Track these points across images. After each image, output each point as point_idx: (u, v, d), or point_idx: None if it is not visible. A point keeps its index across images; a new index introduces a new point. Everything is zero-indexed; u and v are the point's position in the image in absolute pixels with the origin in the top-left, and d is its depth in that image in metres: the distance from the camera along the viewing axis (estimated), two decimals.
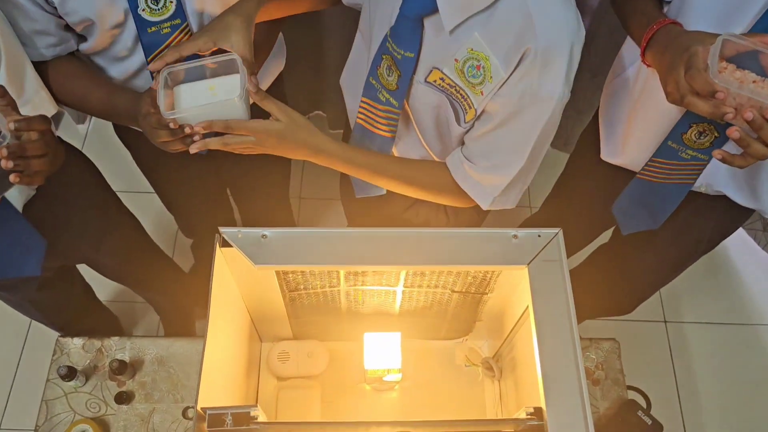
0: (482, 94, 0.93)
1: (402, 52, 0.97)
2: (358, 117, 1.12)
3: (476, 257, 0.94)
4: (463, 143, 1.04)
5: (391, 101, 1.04)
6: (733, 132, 0.82)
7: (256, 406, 0.82)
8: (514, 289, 1.05)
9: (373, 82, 1.06)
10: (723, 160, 0.87)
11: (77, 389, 1.26)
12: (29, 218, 1.16)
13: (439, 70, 0.97)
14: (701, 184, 1.14)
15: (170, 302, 1.89)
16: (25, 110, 1.03)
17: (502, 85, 0.91)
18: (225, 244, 0.95)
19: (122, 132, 1.38)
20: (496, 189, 1.04)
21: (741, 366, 2.03)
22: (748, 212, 1.23)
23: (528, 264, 0.94)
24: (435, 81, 0.98)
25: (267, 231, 0.95)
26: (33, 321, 1.97)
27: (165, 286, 1.79)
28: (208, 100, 0.94)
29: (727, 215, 1.25)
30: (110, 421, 1.23)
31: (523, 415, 0.83)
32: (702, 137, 1.04)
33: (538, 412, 0.83)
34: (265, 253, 0.93)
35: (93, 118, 2.33)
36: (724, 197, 1.15)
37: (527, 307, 0.99)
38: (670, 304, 2.12)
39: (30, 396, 1.86)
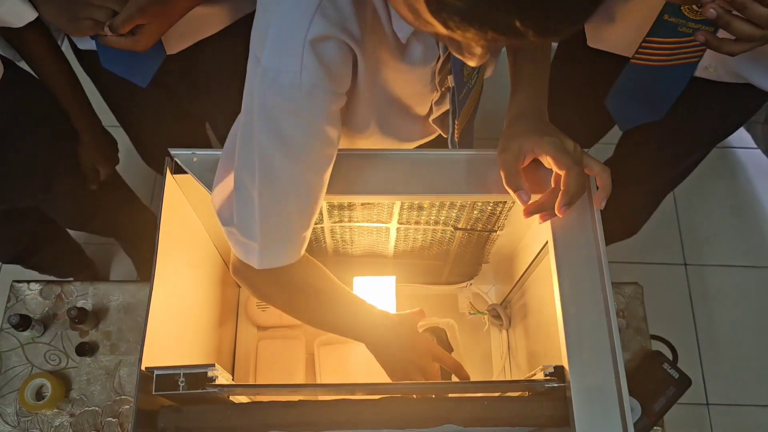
0: None
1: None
2: None
3: (485, 185, 0.77)
4: None
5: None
6: (708, 10, 0.67)
7: (215, 366, 0.67)
8: (528, 225, 0.89)
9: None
10: (707, 44, 0.71)
11: (34, 339, 1.13)
12: None
13: None
14: (709, 64, 0.96)
15: (141, 245, 1.73)
16: None
17: None
18: (178, 170, 0.78)
19: (88, 63, 1.20)
20: None
21: (765, 311, 1.88)
22: (761, 98, 1.05)
23: None
24: None
25: None
26: None
27: (133, 229, 1.62)
28: None
29: (735, 102, 1.07)
30: (71, 375, 1.10)
31: (540, 376, 0.68)
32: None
33: (559, 371, 0.68)
34: None
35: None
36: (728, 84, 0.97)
37: (544, 246, 0.83)
38: (691, 246, 1.97)
39: None
